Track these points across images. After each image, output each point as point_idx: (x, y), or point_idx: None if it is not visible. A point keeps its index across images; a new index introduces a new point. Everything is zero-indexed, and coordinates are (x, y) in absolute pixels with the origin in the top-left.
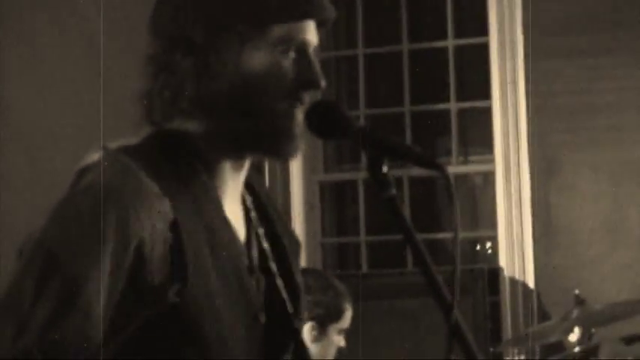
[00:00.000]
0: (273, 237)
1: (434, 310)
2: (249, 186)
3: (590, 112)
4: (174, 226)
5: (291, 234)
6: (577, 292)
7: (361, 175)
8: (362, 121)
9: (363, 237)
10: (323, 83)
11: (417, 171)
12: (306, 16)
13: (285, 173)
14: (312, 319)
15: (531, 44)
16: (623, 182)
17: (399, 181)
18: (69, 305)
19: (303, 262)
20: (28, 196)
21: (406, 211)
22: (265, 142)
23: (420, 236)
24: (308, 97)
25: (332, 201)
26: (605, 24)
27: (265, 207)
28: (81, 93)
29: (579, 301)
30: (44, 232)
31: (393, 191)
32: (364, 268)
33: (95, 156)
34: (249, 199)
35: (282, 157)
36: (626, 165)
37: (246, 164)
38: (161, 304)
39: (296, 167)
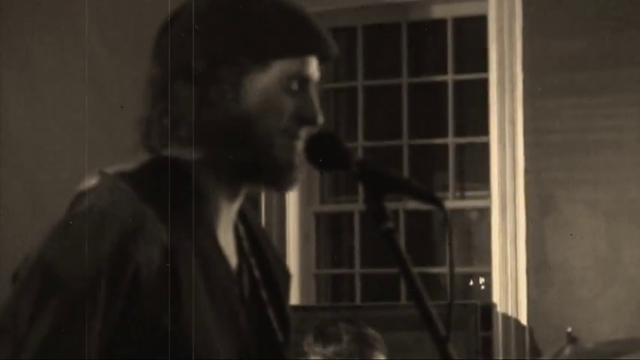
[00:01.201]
0: (265, 267)
1: (427, 343)
2: (243, 215)
3: (587, 150)
4: (169, 252)
5: (283, 265)
6: (569, 329)
7: (357, 206)
8: (360, 154)
9: (357, 269)
10: (321, 120)
11: (413, 204)
12: (308, 52)
13: (281, 203)
14: None
15: (530, 81)
16: (619, 221)
17: (395, 214)
18: (65, 328)
19: (297, 293)
20: (25, 220)
21: (402, 245)
22: (263, 174)
23: (414, 270)
24: (305, 132)
25: (327, 232)
26: (604, 63)
27: (257, 237)
28: (79, 117)
29: (571, 339)
30: (41, 254)
31: (391, 224)
32: (358, 300)
33: (93, 181)
34: (241, 229)
35: (280, 188)
36: (622, 203)
37: (242, 194)
38: (155, 330)
39: (292, 198)
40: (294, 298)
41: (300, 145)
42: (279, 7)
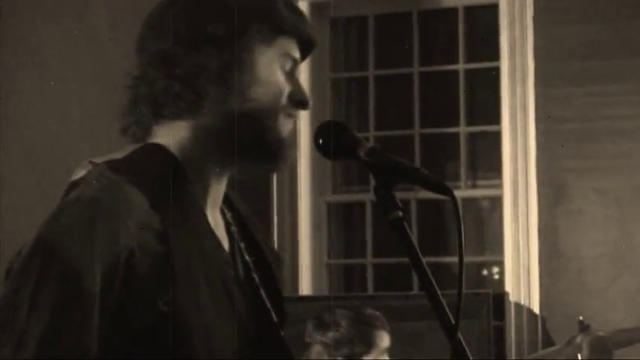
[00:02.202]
0: (256, 251)
1: (439, 332)
2: (228, 201)
3: (599, 139)
4: (163, 237)
5: (271, 248)
6: (581, 318)
7: (369, 196)
8: (371, 143)
9: (369, 259)
10: (310, 104)
11: (425, 194)
12: (303, 35)
13: (293, 193)
14: (342, 357)
15: (542, 70)
16: (631, 209)
17: (406, 203)
18: (64, 318)
19: (308, 283)
20: (34, 213)
21: (413, 234)
22: (267, 151)
23: (426, 259)
24: (296, 114)
25: (339, 222)
26: (615, 51)
27: (245, 222)
28: (85, 106)
29: (583, 328)
30: (34, 246)
31: (400, 213)
32: (370, 290)
33: (82, 171)
34: (228, 214)
35: (278, 166)
36: (634, 191)
37: (227, 175)
38: (151, 315)
39: (304, 187)
40: (306, 288)
41: (293, 124)
42: None
